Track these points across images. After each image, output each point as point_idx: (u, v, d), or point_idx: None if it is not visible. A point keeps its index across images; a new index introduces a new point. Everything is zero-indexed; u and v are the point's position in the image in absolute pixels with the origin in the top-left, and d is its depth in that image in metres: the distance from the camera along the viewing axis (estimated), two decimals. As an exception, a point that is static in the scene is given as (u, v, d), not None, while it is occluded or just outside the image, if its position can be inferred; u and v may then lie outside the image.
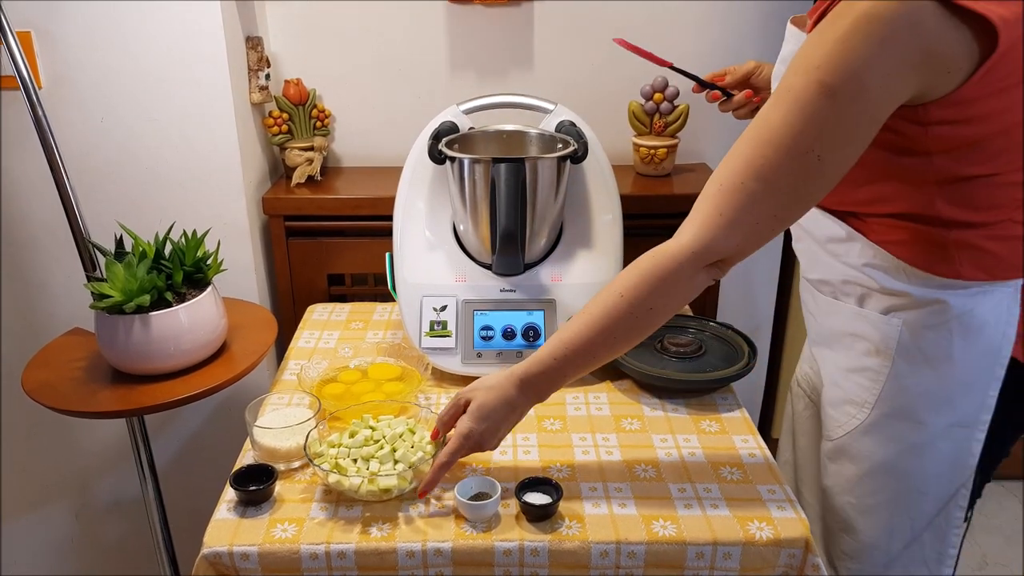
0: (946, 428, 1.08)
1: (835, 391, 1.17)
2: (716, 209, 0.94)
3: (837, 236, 1.09)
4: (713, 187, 0.95)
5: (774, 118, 0.90)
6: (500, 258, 1.32)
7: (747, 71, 1.35)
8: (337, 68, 1.79)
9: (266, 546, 1.00)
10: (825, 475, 1.21)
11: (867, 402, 1.11)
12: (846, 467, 1.16)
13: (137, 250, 1.31)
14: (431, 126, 1.41)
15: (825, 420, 1.20)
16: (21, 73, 1.28)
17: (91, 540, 1.95)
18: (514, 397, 1.05)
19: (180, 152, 1.59)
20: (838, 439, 1.16)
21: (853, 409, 1.13)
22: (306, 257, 1.72)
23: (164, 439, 1.81)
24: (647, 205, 1.69)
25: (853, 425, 1.13)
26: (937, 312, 1.04)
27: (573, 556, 1.01)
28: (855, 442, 1.14)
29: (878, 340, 1.08)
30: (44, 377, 1.32)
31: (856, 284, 1.09)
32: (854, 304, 1.11)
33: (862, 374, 1.11)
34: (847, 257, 1.08)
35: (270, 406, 1.27)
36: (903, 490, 1.13)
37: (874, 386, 1.10)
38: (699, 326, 1.47)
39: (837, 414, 1.16)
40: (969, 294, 1.02)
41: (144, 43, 1.51)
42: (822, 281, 1.15)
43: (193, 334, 1.30)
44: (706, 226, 0.95)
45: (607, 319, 1.00)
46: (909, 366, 1.07)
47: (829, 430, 1.18)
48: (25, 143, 1.55)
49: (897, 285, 1.05)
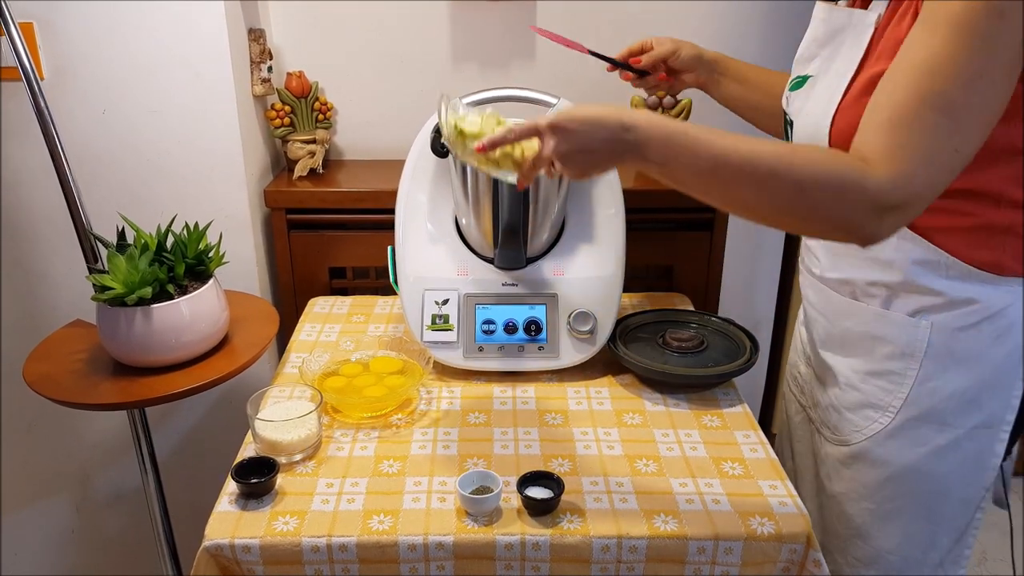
0: (971, 429, 1.07)
1: (852, 395, 1.14)
2: (896, 143, 0.86)
3: None
4: (879, 117, 0.88)
5: (937, 45, 0.84)
6: (502, 252, 1.32)
7: (665, 53, 1.32)
8: (339, 61, 1.79)
9: (267, 539, 1.00)
10: (837, 481, 1.18)
11: (891, 406, 1.09)
12: (865, 472, 1.14)
13: (139, 242, 1.31)
14: (433, 119, 1.41)
15: (839, 424, 1.17)
16: (23, 64, 1.27)
17: (92, 532, 1.95)
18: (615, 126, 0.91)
19: (182, 144, 1.59)
20: (856, 444, 1.14)
21: (875, 413, 1.11)
22: (308, 250, 1.72)
23: (165, 431, 1.81)
24: (649, 200, 1.69)
25: (875, 429, 1.11)
26: (969, 313, 1.02)
27: (574, 550, 1.01)
28: (877, 447, 1.12)
29: (904, 343, 1.07)
30: (45, 369, 1.32)
31: (883, 285, 1.07)
32: (878, 306, 1.09)
33: (885, 377, 1.10)
34: (881, 252, 1.05)
35: (271, 399, 1.27)
36: (925, 493, 1.11)
37: (898, 389, 1.08)
38: (700, 321, 1.46)
39: (855, 418, 1.14)
40: (1003, 291, 1.01)
41: (146, 35, 1.50)
42: (843, 281, 1.12)
43: (195, 326, 1.29)
44: (895, 159, 0.85)
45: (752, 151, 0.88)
46: (937, 368, 1.06)
47: (844, 434, 1.16)
48: (27, 134, 1.55)
49: (934, 282, 1.02)
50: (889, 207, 0.86)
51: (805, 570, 1.03)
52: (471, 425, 1.24)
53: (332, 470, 1.13)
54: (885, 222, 0.87)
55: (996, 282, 1.01)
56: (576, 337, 1.35)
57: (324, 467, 1.14)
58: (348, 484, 1.10)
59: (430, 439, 1.20)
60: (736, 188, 0.90)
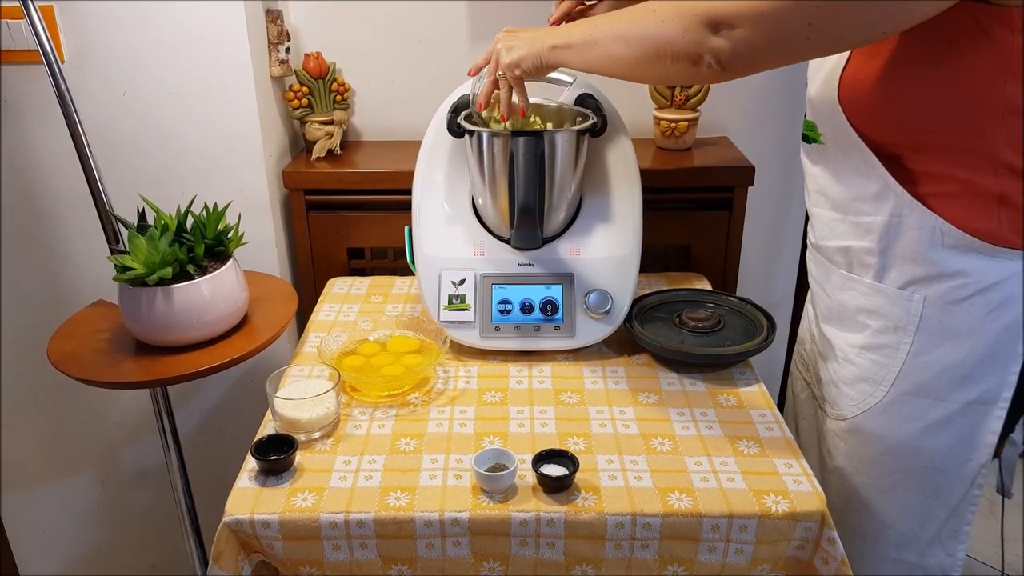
0: (966, 405, 1.07)
1: (849, 369, 1.16)
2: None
3: (867, 193, 1.06)
4: None
5: None
6: (518, 232, 1.33)
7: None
8: (357, 42, 1.79)
9: (287, 514, 1.02)
10: (836, 455, 1.20)
11: (885, 380, 1.10)
12: (861, 447, 1.15)
13: (159, 223, 1.32)
14: (450, 100, 1.41)
15: (837, 399, 1.19)
16: (44, 47, 1.29)
17: (116, 508, 1.99)
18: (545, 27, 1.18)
19: (201, 126, 1.60)
20: (852, 418, 1.15)
21: (869, 387, 1.12)
22: (326, 231, 1.73)
23: (187, 409, 1.84)
24: (668, 179, 1.68)
25: (870, 404, 1.13)
26: (961, 287, 1.02)
27: (589, 527, 1.02)
28: (871, 421, 1.13)
29: (897, 316, 1.08)
30: (69, 348, 1.34)
31: (876, 253, 1.07)
32: (871, 279, 1.10)
33: (879, 351, 1.11)
34: (876, 215, 1.06)
35: (291, 377, 1.29)
36: (921, 468, 1.12)
37: (892, 363, 1.09)
38: (718, 300, 1.46)
39: (852, 392, 1.15)
40: (997, 264, 1.01)
41: (165, 17, 1.51)
42: (839, 250, 1.14)
43: (215, 306, 1.31)
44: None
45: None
46: (930, 342, 1.06)
47: (842, 409, 1.18)
48: (48, 117, 1.57)
49: (927, 251, 1.02)
50: (718, 21, 0.92)
51: (820, 548, 1.03)
52: (487, 404, 1.25)
53: (350, 447, 1.15)
54: (721, 37, 0.92)
55: (994, 253, 1.01)
56: (592, 317, 1.36)
57: (342, 445, 1.15)
58: (365, 461, 1.11)
59: (446, 417, 1.21)
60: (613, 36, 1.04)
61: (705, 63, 0.95)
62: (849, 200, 1.09)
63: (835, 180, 1.10)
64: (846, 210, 1.10)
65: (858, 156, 1.05)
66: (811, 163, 1.17)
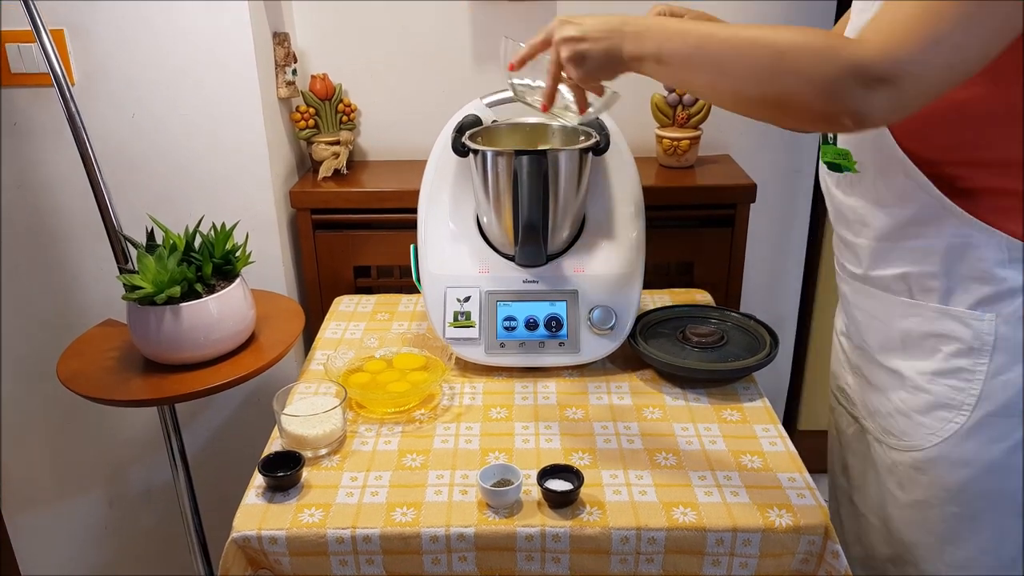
0: None
1: (922, 397, 1.09)
2: (896, 19, 0.81)
3: (920, 217, 1.01)
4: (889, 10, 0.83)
5: None
6: (523, 249, 1.34)
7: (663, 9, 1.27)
8: (363, 63, 1.81)
9: (294, 530, 1.03)
10: (913, 488, 1.13)
11: (965, 404, 1.05)
12: (945, 476, 1.08)
13: (168, 242, 1.34)
14: (455, 119, 1.43)
15: (909, 429, 1.12)
16: (54, 70, 1.31)
17: (124, 526, 2.00)
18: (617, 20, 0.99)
19: (209, 146, 1.62)
20: (931, 447, 1.09)
21: (948, 413, 1.06)
22: (333, 249, 1.74)
23: (195, 427, 1.85)
24: (670, 197, 1.70)
25: (951, 430, 1.06)
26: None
27: (594, 541, 1.02)
28: (954, 448, 1.07)
29: (971, 338, 1.03)
30: (78, 366, 1.36)
31: (940, 276, 1.03)
32: (936, 303, 1.05)
33: (955, 376, 1.05)
34: (933, 239, 1.01)
35: (297, 395, 1.30)
36: (1012, 489, 1.06)
37: (970, 387, 1.04)
38: (721, 316, 1.47)
39: (929, 420, 1.08)
40: None
41: (173, 40, 1.54)
42: (896, 277, 1.08)
43: (222, 324, 1.32)
44: (891, 32, 0.81)
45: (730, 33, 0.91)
46: (1009, 360, 1.02)
47: (917, 439, 1.10)
48: (59, 138, 1.59)
49: (994, 269, 0.99)
50: (874, 77, 0.81)
51: (824, 561, 1.03)
52: (492, 420, 1.25)
53: (356, 464, 1.15)
54: (873, 95, 0.81)
55: None
56: (596, 333, 1.37)
57: (349, 461, 1.16)
58: (372, 477, 1.12)
59: (452, 433, 1.22)
60: (720, 62, 0.92)
61: (840, 124, 0.86)
62: (899, 226, 1.05)
63: (877, 208, 1.06)
64: (898, 237, 1.05)
65: (904, 179, 1.01)
66: (844, 194, 1.11)
